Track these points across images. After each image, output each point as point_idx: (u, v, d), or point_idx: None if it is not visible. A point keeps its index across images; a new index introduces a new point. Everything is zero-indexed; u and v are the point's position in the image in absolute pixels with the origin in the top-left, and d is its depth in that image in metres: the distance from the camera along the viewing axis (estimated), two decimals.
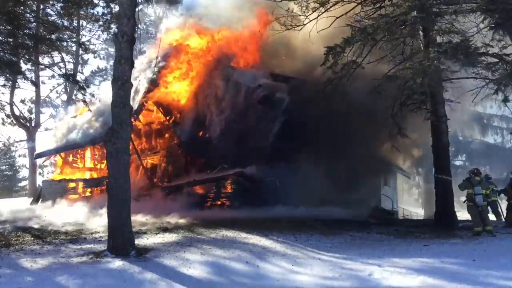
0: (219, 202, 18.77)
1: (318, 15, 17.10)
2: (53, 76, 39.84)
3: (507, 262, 9.72)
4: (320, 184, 18.82)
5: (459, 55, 13.88)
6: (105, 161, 17.72)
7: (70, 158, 23.97)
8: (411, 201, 43.19)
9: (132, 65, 11.47)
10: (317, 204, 19.04)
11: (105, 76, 40.37)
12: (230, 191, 18.78)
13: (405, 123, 17.72)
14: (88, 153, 24.37)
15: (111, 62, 37.98)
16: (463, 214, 16.97)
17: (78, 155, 24.13)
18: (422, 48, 16.43)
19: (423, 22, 15.24)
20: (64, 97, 38.85)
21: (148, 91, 21.23)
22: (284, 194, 18.34)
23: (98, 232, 13.62)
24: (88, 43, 34.39)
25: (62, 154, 23.58)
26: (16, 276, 8.99)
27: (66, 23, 22.44)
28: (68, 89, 37.40)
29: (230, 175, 18.78)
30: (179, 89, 21.26)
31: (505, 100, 16.93)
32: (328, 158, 19.41)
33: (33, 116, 34.41)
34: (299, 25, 17.29)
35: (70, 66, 35.82)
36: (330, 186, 19.48)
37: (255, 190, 18.31)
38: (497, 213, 17.07)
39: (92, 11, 27.90)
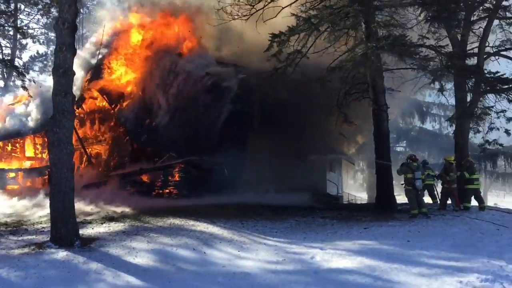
0: (166, 191, 18.71)
1: (265, 5, 17.29)
2: None
3: (438, 242, 10.42)
4: (267, 171, 19.21)
5: (395, 50, 14.51)
6: (46, 150, 17.17)
7: (9, 147, 22.99)
8: (356, 186, 44.72)
9: (74, 53, 11.21)
10: (265, 191, 19.45)
11: (45, 62, 38.76)
12: (178, 179, 18.76)
13: (349, 110, 18.35)
14: (28, 141, 23.45)
15: (52, 47, 36.57)
16: (403, 198, 17.82)
17: (17, 144, 23.17)
18: (364, 39, 17.00)
19: (364, 15, 15.77)
20: (1, 83, 37.04)
21: (92, 79, 20.70)
22: (232, 181, 18.55)
23: (40, 223, 13.32)
24: (26, 28, 32.98)
25: (0, 143, 22.57)
26: None
27: (2, 6, 21.43)
28: (5, 75, 35.64)
29: (178, 163, 18.73)
30: (125, 77, 20.81)
31: (441, 90, 17.96)
32: (275, 145, 19.79)
33: None
34: (246, 15, 17.41)
35: (7, 51, 34.13)
36: (277, 173, 19.93)
37: (203, 178, 18.37)
38: (433, 196, 18.01)
39: None
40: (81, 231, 11.27)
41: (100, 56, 20.25)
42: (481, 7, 16.65)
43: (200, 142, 18.93)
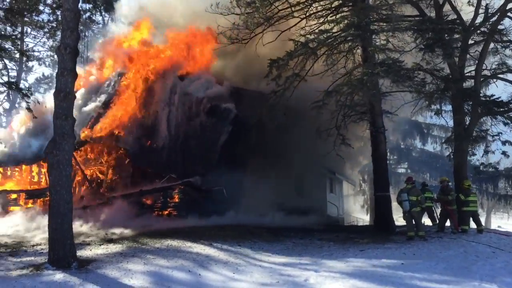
0: (166, 212, 18.81)
1: (264, 30, 17.67)
2: None
3: (432, 265, 10.48)
4: (267, 193, 19.32)
5: (390, 76, 14.78)
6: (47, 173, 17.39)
7: (9, 172, 23.23)
8: (357, 208, 44.57)
9: (75, 77, 11.51)
10: (264, 212, 19.54)
11: (50, 84, 39.33)
12: (177, 201, 18.86)
13: (349, 133, 18.54)
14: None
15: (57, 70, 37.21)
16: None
17: (17, 168, 23.38)
18: (361, 63, 17.30)
19: (361, 39, 16.10)
20: (7, 105, 37.57)
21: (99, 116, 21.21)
22: (231, 203, 18.67)
23: (40, 244, 13.43)
24: (32, 51, 33.59)
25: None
26: None
27: (9, 30, 21.93)
28: (11, 97, 36.18)
29: (177, 184, 18.88)
30: (127, 99, 21.15)
31: (437, 113, 18.18)
32: (275, 167, 19.95)
33: None
34: (245, 39, 17.79)
35: (13, 73, 34.72)
36: (277, 195, 20.04)
37: (203, 200, 18.50)
38: (432, 218, 18.03)
39: (37, 18, 27.40)
40: (79, 253, 11.39)
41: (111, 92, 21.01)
42: (477, 31, 17.00)
43: (200, 163, 19.13)
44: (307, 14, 17.83)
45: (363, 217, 36.62)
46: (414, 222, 14.67)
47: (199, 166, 19.00)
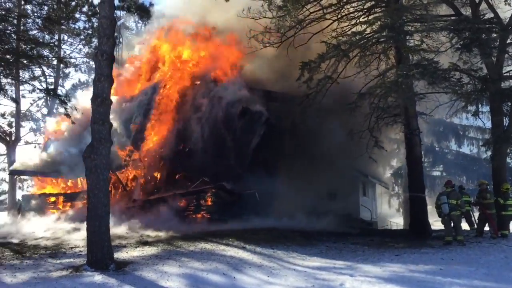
0: (199, 215, 18.99)
1: (295, 33, 17.65)
2: (33, 90, 39.58)
3: (471, 271, 10.18)
4: (299, 196, 19.23)
5: (426, 77, 14.49)
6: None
7: None
8: (391, 211, 43.84)
9: (111, 83, 11.77)
10: (296, 216, 19.45)
11: (86, 89, 40.30)
12: (210, 204, 19.01)
13: (381, 135, 18.29)
14: None
15: (93, 75, 38.11)
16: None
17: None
18: (395, 64, 17.03)
19: (394, 40, 15.85)
20: (45, 110, 38.63)
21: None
22: (263, 206, 18.68)
23: (78, 247, 13.76)
24: (69, 57, 34.49)
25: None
26: None
27: (47, 37, 22.64)
28: (48, 103, 37.20)
29: (210, 188, 19.04)
30: (165, 111, 21.64)
31: (475, 114, 17.68)
32: (307, 170, 19.85)
33: (13, 130, 34.18)
34: (277, 42, 17.82)
35: (51, 79, 35.71)
36: (309, 198, 19.92)
37: (235, 203, 18.59)
38: (470, 223, 17.58)
39: (73, 25, 28.21)
40: (115, 255, 11.61)
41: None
42: None
43: (232, 167, 19.24)
44: (339, 16, 17.71)
45: (397, 221, 35.98)
46: (452, 226, 14.33)
47: (232, 169, 19.11)
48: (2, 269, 10.89)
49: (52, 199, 21.30)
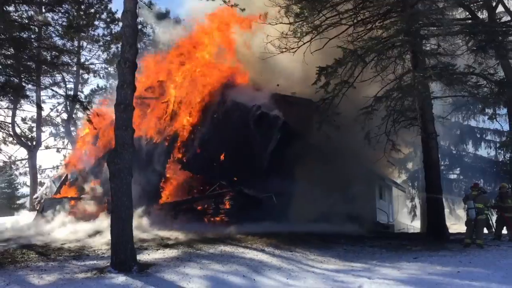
0: (218, 218, 19.24)
1: (312, 38, 17.83)
2: (53, 96, 40.40)
3: (489, 273, 10.24)
4: (316, 199, 19.35)
5: (443, 79, 14.56)
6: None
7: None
8: (408, 215, 43.52)
9: (134, 89, 12.12)
10: (313, 219, 19.56)
11: (104, 95, 40.95)
12: (228, 207, 19.26)
13: (398, 138, 18.35)
14: None
15: (111, 80, 38.76)
16: (460, 227, 17.32)
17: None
18: (411, 68, 17.11)
19: (411, 44, 15.95)
20: (65, 115, 39.42)
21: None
22: (280, 210, 18.85)
23: (100, 249, 14.10)
24: (88, 63, 35.21)
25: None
26: None
27: (67, 44, 23.19)
28: (68, 108, 37.97)
29: (228, 192, 19.30)
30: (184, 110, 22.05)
31: (491, 118, 17.67)
32: (323, 173, 19.95)
33: (34, 134, 34.97)
34: (293, 48, 18.02)
35: (70, 85, 36.49)
36: (326, 201, 20.02)
37: (253, 206, 18.78)
38: (488, 226, 17.50)
39: (92, 32, 28.84)
40: (138, 257, 11.92)
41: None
42: None
43: (250, 170, 19.47)
44: (355, 21, 17.86)
45: (414, 224, 35.78)
46: (474, 229, 14.36)
47: (249, 173, 19.34)
48: (29, 271, 11.29)
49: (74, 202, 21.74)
